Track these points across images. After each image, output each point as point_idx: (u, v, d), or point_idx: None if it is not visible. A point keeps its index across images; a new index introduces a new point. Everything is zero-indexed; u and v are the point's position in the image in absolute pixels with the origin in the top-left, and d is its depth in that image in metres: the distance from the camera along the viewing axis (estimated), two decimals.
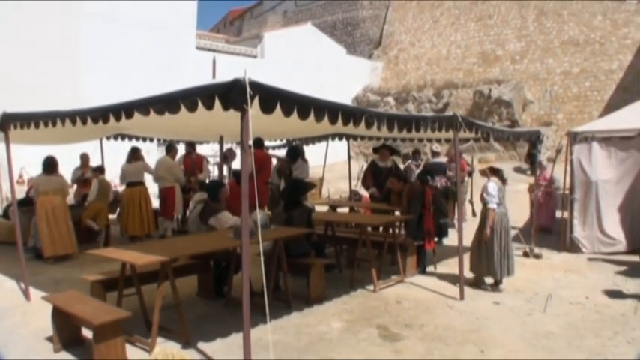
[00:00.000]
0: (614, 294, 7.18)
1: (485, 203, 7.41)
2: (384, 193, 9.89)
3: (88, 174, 11.09)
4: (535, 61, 27.75)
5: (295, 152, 10.63)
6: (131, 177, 10.86)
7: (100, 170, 10.80)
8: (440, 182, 10.94)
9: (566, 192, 10.17)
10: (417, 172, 10.90)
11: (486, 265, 7.42)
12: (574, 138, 9.85)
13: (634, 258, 8.75)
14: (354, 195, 11.98)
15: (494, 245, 7.30)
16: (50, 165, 9.30)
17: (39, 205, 9.14)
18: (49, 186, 9.21)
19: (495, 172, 7.61)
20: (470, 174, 12.64)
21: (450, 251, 9.15)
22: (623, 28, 25.60)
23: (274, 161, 11.21)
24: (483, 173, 7.84)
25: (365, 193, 11.36)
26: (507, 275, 7.39)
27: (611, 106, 21.95)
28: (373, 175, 10.30)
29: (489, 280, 7.54)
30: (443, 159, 12.16)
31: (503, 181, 7.70)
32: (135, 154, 10.95)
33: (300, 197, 7.77)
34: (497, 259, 7.29)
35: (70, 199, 10.81)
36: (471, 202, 12.61)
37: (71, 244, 9.38)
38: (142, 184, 10.96)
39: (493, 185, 7.36)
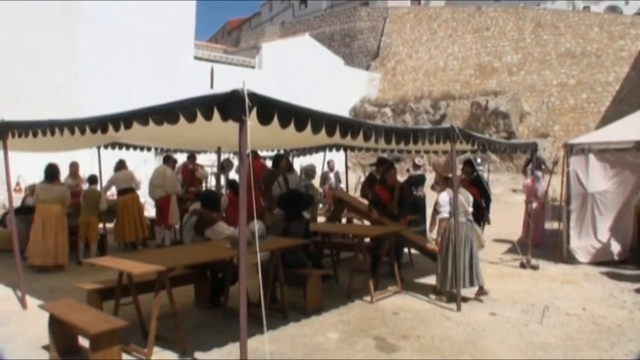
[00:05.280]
0: (611, 305, 7.19)
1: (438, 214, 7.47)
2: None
3: (81, 184, 11.15)
4: (532, 72, 27.92)
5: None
6: (121, 184, 11.01)
7: (91, 180, 10.48)
8: (421, 192, 11.36)
9: (563, 203, 10.19)
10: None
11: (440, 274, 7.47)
12: (570, 149, 9.88)
13: (631, 269, 8.76)
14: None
15: (444, 255, 7.32)
16: (51, 173, 9.24)
17: (37, 212, 9.13)
18: (48, 194, 9.14)
19: (449, 182, 7.53)
20: None
21: None
22: (620, 40, 25.79)
23: None
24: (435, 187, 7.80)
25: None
26: (469, 286, 7.29)
27: (608, 118, 22.13)
28: (370, 186, 10.50)
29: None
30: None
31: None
32: (122, 164, 11.20)
33: (304, 210, 7.79)
34: (442, 269, 7.32)
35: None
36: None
37: (62, 256, 9.24)
38: (132, 190, 11.09)
39: (444, 195, 7.34)
